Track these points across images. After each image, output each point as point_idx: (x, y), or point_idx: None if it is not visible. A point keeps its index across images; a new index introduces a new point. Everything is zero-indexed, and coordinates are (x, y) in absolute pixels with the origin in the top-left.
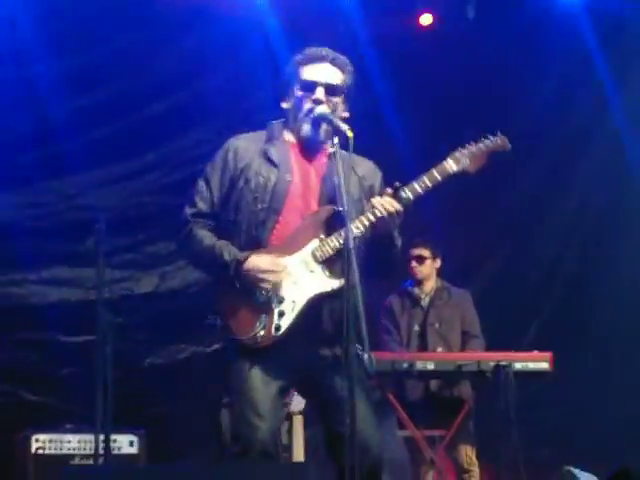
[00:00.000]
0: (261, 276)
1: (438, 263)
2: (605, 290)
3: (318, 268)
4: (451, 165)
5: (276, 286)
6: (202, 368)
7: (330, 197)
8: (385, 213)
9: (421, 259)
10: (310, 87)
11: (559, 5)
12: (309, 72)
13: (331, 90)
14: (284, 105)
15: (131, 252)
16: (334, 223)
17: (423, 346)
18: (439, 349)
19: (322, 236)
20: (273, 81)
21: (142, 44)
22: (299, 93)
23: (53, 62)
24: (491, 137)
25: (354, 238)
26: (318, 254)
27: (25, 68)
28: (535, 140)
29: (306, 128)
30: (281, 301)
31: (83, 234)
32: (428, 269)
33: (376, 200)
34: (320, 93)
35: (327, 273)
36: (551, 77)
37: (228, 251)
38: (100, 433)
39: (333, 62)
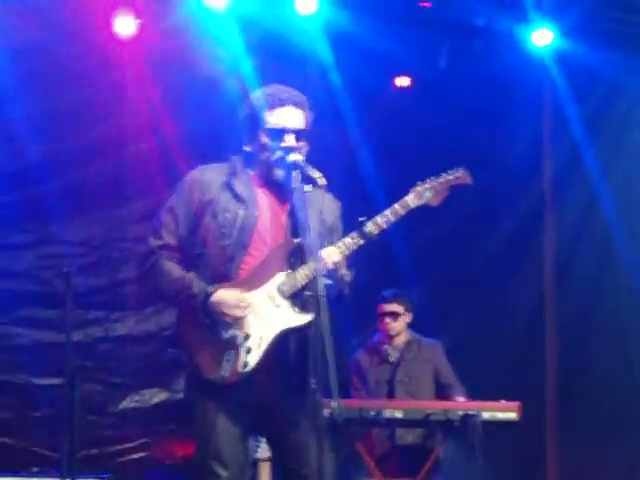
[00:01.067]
0: (226, 311)
1: (410, 317)
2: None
3: (285, 303)
4: (412, 199)
5: (240, 322)
6: (175, 414)
7: (297, 232)
8: (325, 268)
9: (394, 315)
10: (279, 134)
11: (529, 56)
12: (275, 119)
13: (298, 134)
14: (247, 148)
15: (107, 293)
16: (298, 257)
17: None
18: None
19: (287, 270)
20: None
21: (116, 89)
22: (266, 140)
23: (32, 102)
24: (452, 171)
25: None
26: (284, 289)
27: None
28: (508, 190)
29: (279, 174)
30: (247, 337)
31: (56, 276)
32: (401, 325)
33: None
34: (291, 140)
35: (295, 308)
36: (524, 127)
37: (197, 284)
38: (66, 477)
39: (295, 104)
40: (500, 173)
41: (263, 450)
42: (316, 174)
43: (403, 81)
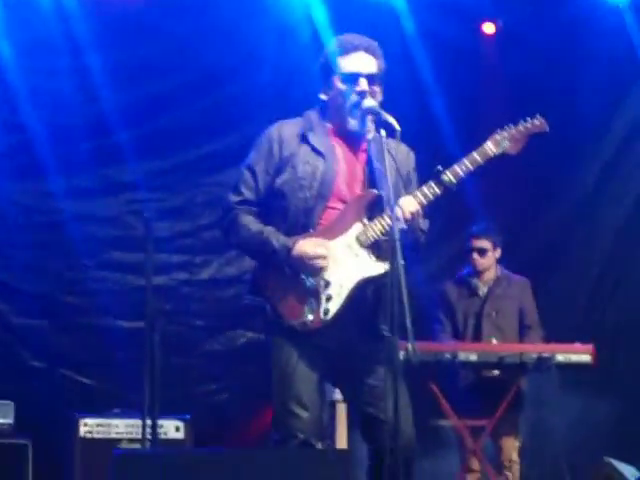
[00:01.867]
0: (308, 262)
1: (498, 253)
2: None
3: (363, 252)
4: (491, 147)
5: (323, 270)
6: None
7: (373, 183)
8: (403, 217)
9: (482, 251)
10: (353, 79)
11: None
12: (349, 64)
13: (372, 79)
14: (323, 96)
15: (190, 237)
16: (376, 207)
17: (478, 336)
18: (493, 340)
19: (365, 220)
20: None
21: (191, 38)
22: (341, 86)
23: (106, 53)
24: (529, 119)
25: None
26: (362, 239)
27: (79, 59)
28: (585, 138)
29: (353, 122)
30: (328, 285)
31: (138, 221)
32: (489, 261)
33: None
34: (364, 84)
35: (373, 257)
36: (598, 76)
37: (277, 237)
38: (147, 418)
39: (367, 50)
40: (577, 121)
41: (340, 392)
42: (391, 119)
43: (490, 27)
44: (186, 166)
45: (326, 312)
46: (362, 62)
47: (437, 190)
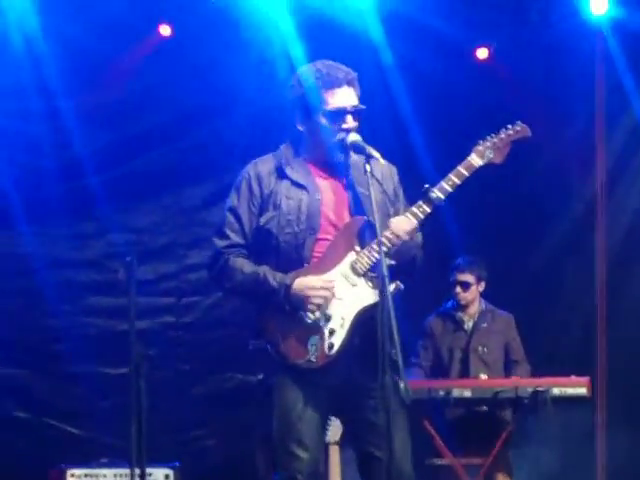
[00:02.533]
0: (313, 295)
1: (482, 286)
2: None
3: (360, 281)
4: (476, 159)
5: (325, 305)
6: (247, 398)
7: (358, 207)
8: (397, 241)
9: (466, 285)
10: (339, 116)
11: (585, 26)
12: (335, 100)
13: (355, 114)
14: (300, 128)
15: (175, 279)
16: (366, 233)
17: (465, 371)
18: (482, 375)
19: (357, 248)
20: None
21: (168, 78)
22: (324, 122)
23: (79, 96)
24: (510, 126)
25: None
26: (358, 267)
27: (51, 102)
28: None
29: (339, 156)
30: (329, 319)
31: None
32: (473, 294)
33: (388, 232)
34: (351, 121)
35: (370, 285)
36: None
37: (273, 276)
38: (135, 467)
39: (349, 83)
40: (554, 150)
41: (333, 433)
42: (375, 153)
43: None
44: (167, 207)
45: (331, 347)
46: (347, 98)
47: (427, 209)
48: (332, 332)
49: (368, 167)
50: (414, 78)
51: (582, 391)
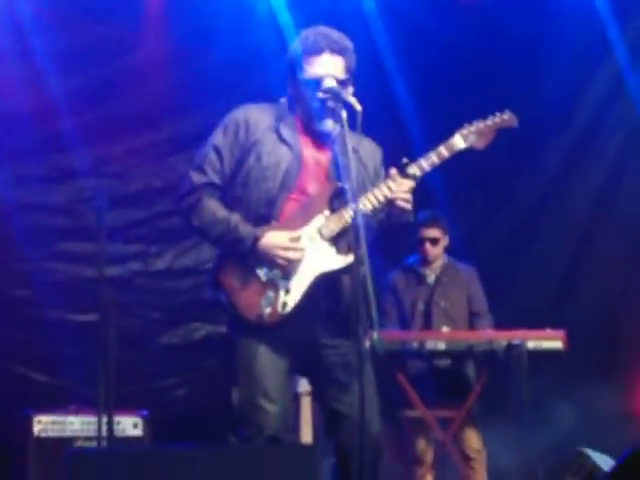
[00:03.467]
0: (281, 253)
1: (447, 241)
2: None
3: (324, 245)
4: (459, 141)
5: (290, 263)
6: (217, 348)
7: (338, 177)
8: (404, 204)
9: (434, 241)
10: (316, 84)
11: None
12: (312, 68)
13: (341, 84)
14: (290, 90)
15: (145, 226)
16: (339, 201)
17: (427, 325)
18: (444, 328)
19: (327, 213)
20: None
21: (142, 18)
22: (304, 89)
23: (52, 37)
24: (498, 114)
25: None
26: (324, 231)
27: (23, 43)
28: (551, 122)
29: (319, 124)
30: (287, 278)
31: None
32: (440, 249)
33: (389, 187)
34: (329, 82)
35: (334, 250)
36: (567, 53)
37: (243, 226)
38: (103, 415)
39: (333, 51)
40: (543, 101)
41: (304, 384)
42: (351, 99)
43: None
44: (138, 153)
45: (284, 306)
46: (326, 66)
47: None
48: (288, 291)
49: (348, 135)
50: (396, 27)
51: (558, 344)
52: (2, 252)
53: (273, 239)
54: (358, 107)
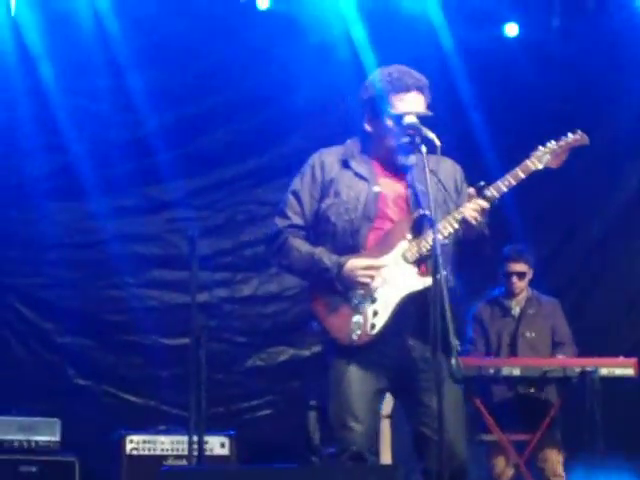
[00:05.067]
0: (359, 276)
1: (531, 274)
2: None
3: (409, 268)
4: (535, 163)
5: (369, 288)
6: (301, 370)
7: (417, 205)
8: (471, 218)
9: (521, 275)
10: (400, 119)
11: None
12: (402, 104)
13: (422, 120)
14: (367, 128)
15: (231, 255)
16: (422, 226)
17: (513, 356)
18: None
19: (410, 237)
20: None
21: (233, 58)
22: (391, 124)
23: (147, 74)
24: (570, 134)
25: (442, 240)
26: (408, 255)
27: (120, 79)
28: (618, 157)
29: (402, 159)
30: (374, 301)
31: (182, 239)
32: (526, 283)
33: (463, 208)
34: (410, 119)
35: (417, 272)
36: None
37: (328, 256)
38: (193, 435)
39: (418, 89)
40: (613, 135)
41: (384, 407)
42: (431, 134)
43: (512, 29)
44: (226, 184)
45: (372, 327)
46: (413, 104)
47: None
48: (375, 313)
49: (426, 159)
50: (469, 61)
51: (629, 372)
52: (101, 279)
53: (354, 263)
54: (437, 142)
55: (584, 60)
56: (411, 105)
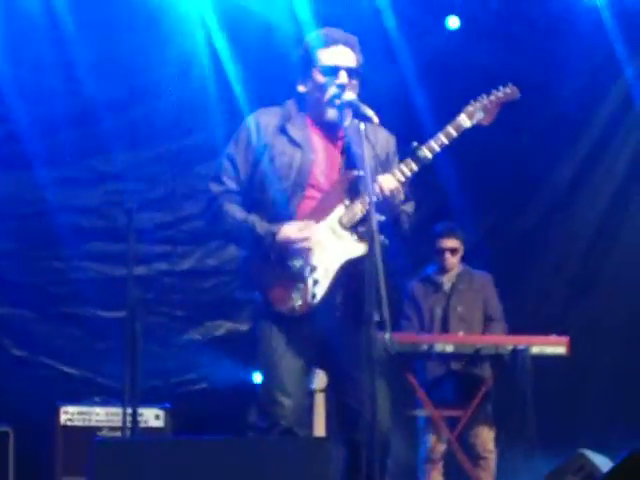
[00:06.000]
0: (294, 245)
1: (463, 250)
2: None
3: (346, 234)
4: (465, 120)
5: (306, 255)
6: (238, 345)
7: (352, 167)
8: (386, 189)
9: (454, 251)
10: (332, 72)
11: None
12: (328, 56)
13: (351, 73)
14: (301, 88)
15: (172, 228)
16: (356, 189)
17: (445, 330)
18: (460, 333)
19: (347, 202)
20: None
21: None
22: (320, 78)
23: (94, 43)
24: (501, 87)
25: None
26: (345, 220)
27: (64, 48)
28: (561, 139)
29: (332, 114)
30: (314, 269)
31: (121, 211)
32: (458, 258)
33: (404, 168)
34: (344, 77)
35: (355, 238)
36: (577, 74)
37: (261, 224)
38: (127, 406)
39: (346, 43)
40: (553, 120)
41: (319, 381)
42: (369, 112)
43: (454, 22)
44: (167, 158)
45: (314, 296)
46: (342, 55)
47: (414, 166)
48: (316, 282)
49: (362, 126)
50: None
51: (561, 350)
52: (44, 249)
53: (286, 232)
54: (376, 120)
55: (526, 42)
56: (339, 57)
